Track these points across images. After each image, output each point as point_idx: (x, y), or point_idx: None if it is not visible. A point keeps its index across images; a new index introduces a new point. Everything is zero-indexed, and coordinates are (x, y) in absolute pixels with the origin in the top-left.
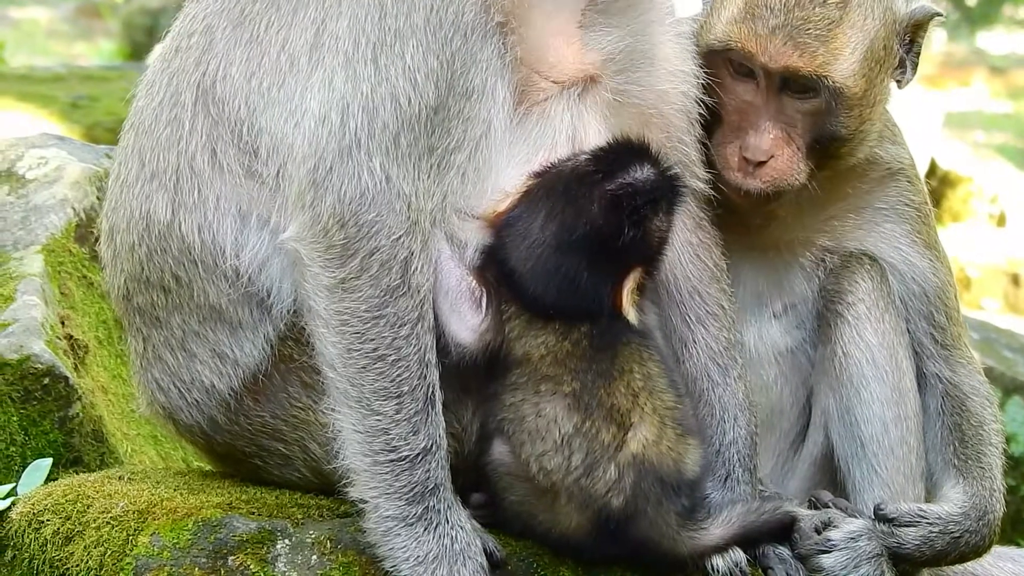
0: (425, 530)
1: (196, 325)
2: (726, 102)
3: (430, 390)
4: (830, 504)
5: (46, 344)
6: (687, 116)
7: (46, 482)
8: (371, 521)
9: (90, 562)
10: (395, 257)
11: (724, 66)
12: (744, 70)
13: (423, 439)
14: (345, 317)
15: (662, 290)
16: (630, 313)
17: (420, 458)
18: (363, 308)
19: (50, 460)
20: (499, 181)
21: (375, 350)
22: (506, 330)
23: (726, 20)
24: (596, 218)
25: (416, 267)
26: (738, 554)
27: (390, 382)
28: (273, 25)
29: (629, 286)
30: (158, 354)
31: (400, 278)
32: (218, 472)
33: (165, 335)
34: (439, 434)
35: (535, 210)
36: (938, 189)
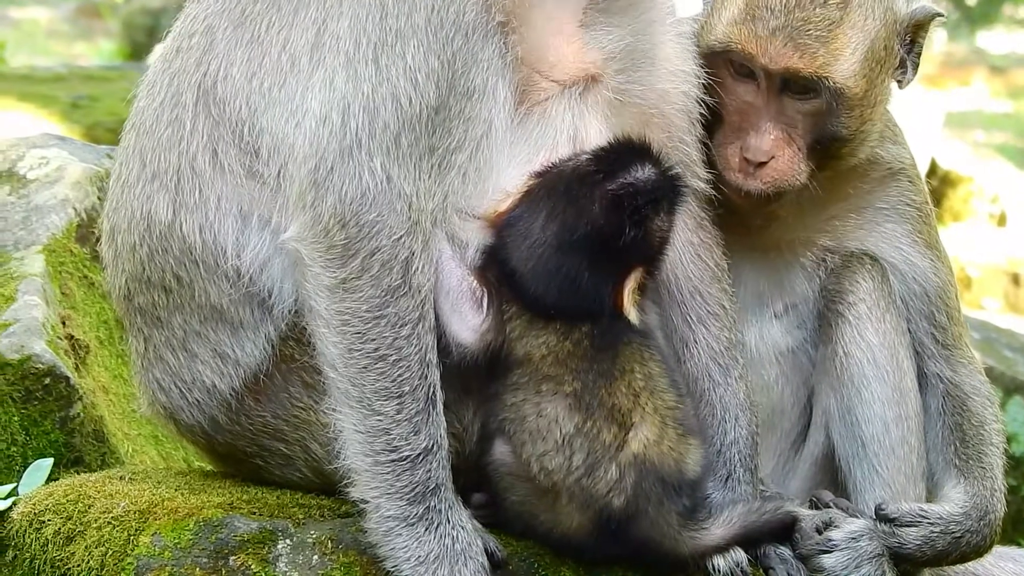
0: (426, 530)
1: (197, 325)
2: (727, 103)
3: (431, 390)
4: (831, 504)
5: (47, 344)
6: (688, 116)
7: (47, 482)
8: (372, 521)
9: (91, 562)
10: (396, 257)
11: (725, 67)
12: (745, 71)
13: (424, 439)
14: (346, 317)
15: (663, 290)
16: (631, 313)
17: (421, 458)
18: (364, 308)
19: (51, 460)
20: (500, 181)
21: (376, 350)
22: (507, 330)
23: (726, 21)
24: (597, 218)
25: (417, 267)
26: (739, 554)
27: (391, 382)
28: (274, 25)
29: (630, 286)
30: (159, 354)
31: (401, 278)
32: (219, 472)
33: (166, 335)
34: (440, 434)
35: (536, 210)
36: (939, 189)
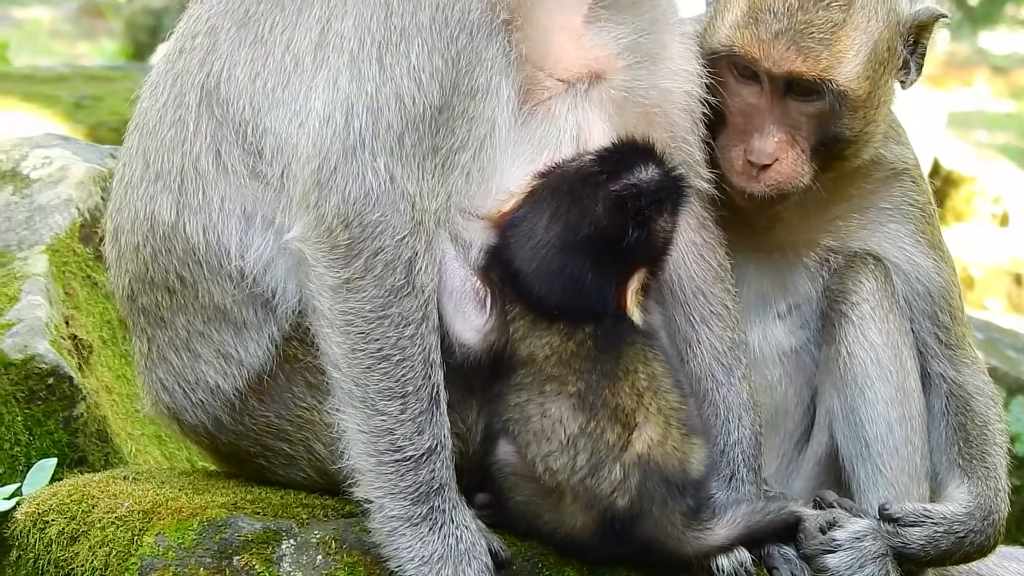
0: (430, 530)
1: (201, 325)
2: (730, 105)
3: (435, 390)
4: (835, 504)
5: (50, 344)
6: (691, 116)
7: (51, 482)
8: (376, 521)
9: (95, 562)
10: (399, 257)
11: (728, 69)
12: (748, 73)
13: (428, 439)
14: (350, 317)
15: (666, 290)
16: (635, 313)
17: (425, 458)
18: (367, 308)
19: (55, 460)
20: (503, 181)
21: (380, 350)
22: (510, 330)
23: (729, 24)
24: (601, 219)
25: (420, 267)
26: (743, 554)
27: (395, 382)
28: (278, 25)
29: (633, 287)
30: (163, 354)
31: (404, 278)
32: (223, 472)
33: (170, 335)
34: (444, 434)
35: (540, 210)
36: (941, 189)
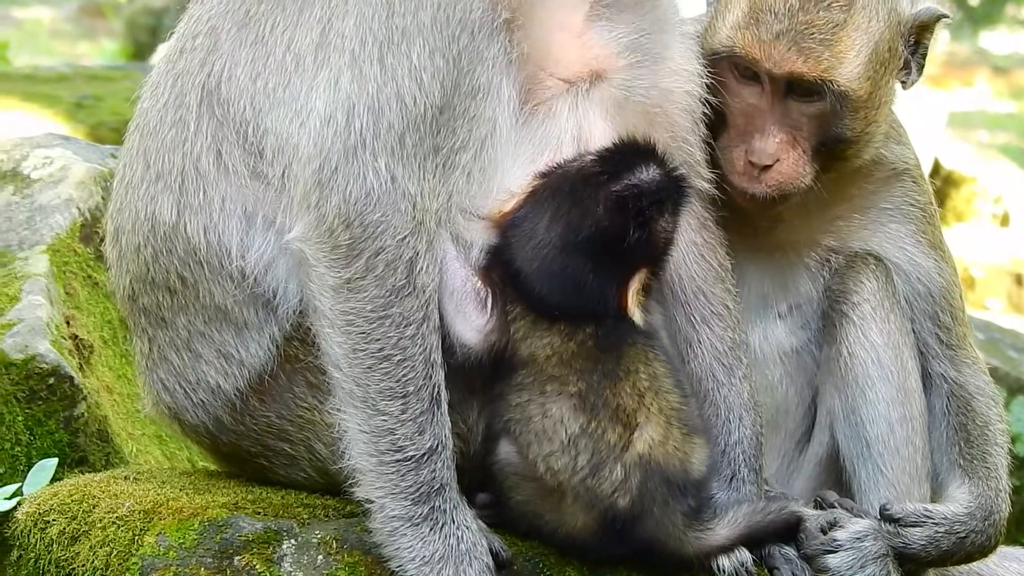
0: (431, 530)
1: (202, 326)
2: (731, 105)
3: (436, 390)
4: (836, 504)
5: (51, 344)
6: (691, 115)
7: (51, 482)
8: (377, 521)
9: (96, 562)
10: (400, 257)
11: (729, 70)
12: (749, 74)
13: (429, 439)
14: (351, 317)
15: (667, 290)
16: (635, 314)
17: (426, 458)
18: (368, 308)
19: (55, 460)
20: (505, 181)
21: (381, 350)
22: (511, 331)
23: (730, 25)
24: (602, 219)
25: (421, 267)
26: (744, 554)
27: (396, 382)
28: (279, 25)
29: (634, 287)
30: (163, 354)
31: (405, 278)
32: (223, 472)
33: (171, 335)
34: (445, 434)
35: (541, 211)
36: (942, 189)
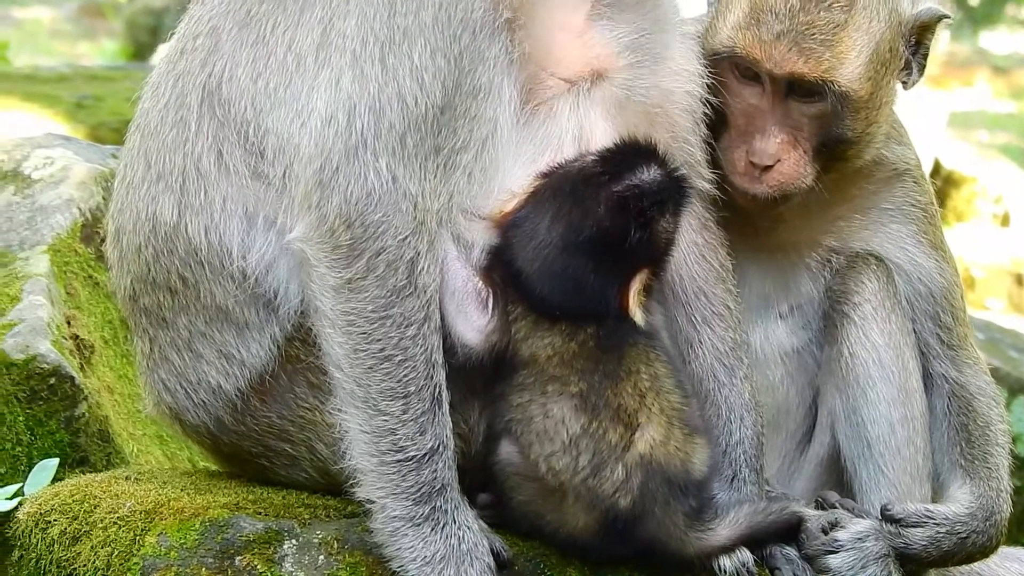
0: (432, 530)
1: (203, 326)
2: (732, 106)
3: (437, 390)
4: (837, 504)
5: (52, 344)
6: (692, 116)
7: (52, 482)
8: (378, 521)
9: (97, 562)
10: (401, 257)
11: (730, 70)
12: (750, 74)
13: (430, 439)
14: (352, 317)
15: (668, 290)
16: (636, 314)
17: (427, 458)
18: (369, 308)
19: (56, 460)
20: (506, 181)
21: (382, 350)
22: (512, 331)
23: (731, 25)
24: (603, 219)
25: (422, 267)
26: (745, 554)
27: (397, 382)
28: (280, 25)
29: (636, 287)
30: (164, 355)
31: (406, 278)
32: (224, 472)
33: (172, 336)
34: (446, 434)
35: (542, 211)
36: (942, 189)
